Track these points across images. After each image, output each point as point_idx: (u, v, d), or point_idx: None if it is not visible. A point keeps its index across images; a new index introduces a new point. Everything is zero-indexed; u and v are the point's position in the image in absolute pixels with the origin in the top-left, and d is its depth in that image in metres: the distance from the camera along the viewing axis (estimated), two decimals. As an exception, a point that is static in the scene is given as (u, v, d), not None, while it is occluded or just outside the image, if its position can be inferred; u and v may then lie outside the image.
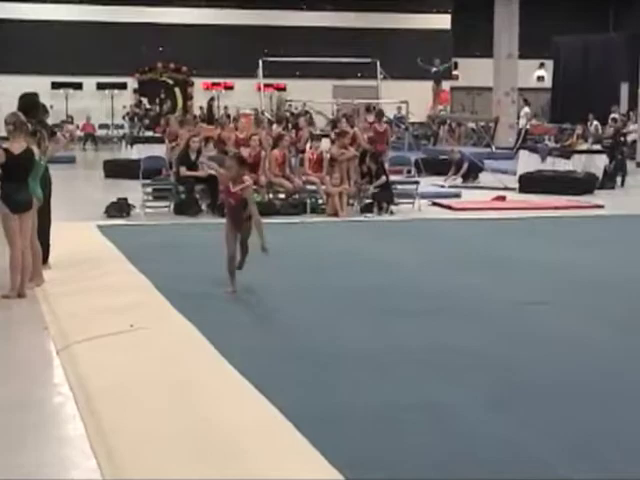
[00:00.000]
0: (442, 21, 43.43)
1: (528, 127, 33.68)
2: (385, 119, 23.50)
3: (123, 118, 38.34)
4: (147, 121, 35.38)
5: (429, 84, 38.14)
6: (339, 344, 7.36)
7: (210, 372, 6.57)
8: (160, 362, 6.77)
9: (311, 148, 17.36)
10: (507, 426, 5.52)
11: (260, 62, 28.11)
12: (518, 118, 34.63)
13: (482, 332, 7.83)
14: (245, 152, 16.89)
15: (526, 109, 34.74)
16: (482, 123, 34.60)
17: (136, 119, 37.05)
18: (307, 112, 33.95)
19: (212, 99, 38.70)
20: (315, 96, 32.24)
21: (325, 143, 19.26)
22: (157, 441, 5.23)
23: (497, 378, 6.49)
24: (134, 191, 16.69)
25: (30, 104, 10.51)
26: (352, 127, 18.12)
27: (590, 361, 7.01)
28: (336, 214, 15.98)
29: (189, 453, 5.05)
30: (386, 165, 17.71)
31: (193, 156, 16.33)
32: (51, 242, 10.72)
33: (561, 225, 15.62)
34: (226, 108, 36.10)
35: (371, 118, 20.58)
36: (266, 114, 24.35)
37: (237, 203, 9.25)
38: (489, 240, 13.67)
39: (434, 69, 36.71)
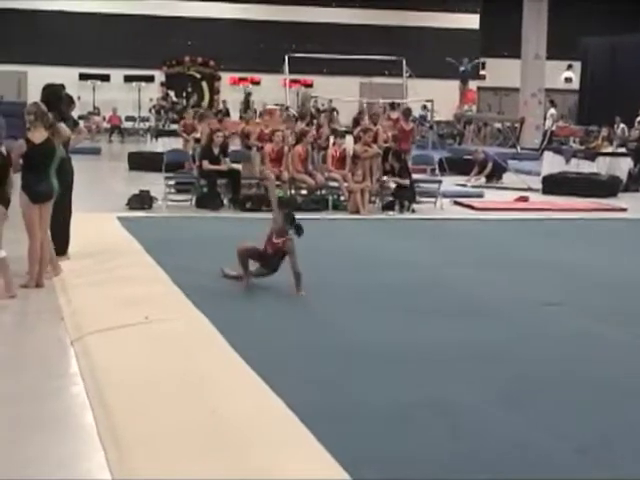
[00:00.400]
0: (470, 21, 43.32)
1: (554, 128, 33.55)
2: (412, 118, 23.49)
3: (149, 111, 38.43)
4: (173, 114, 35.47)
5: (456, 83, 38.10)
6: (354, 341, 7.34)
7: (223, 367, 6.57)
8: (173, 355, 6.77)
9: (334, 145, 17.34)
10: (518, 425, 5.50)
11: (286, 58, 28.12)
12: (544, 119, 34.47)
13: (498, 331, 7.81)
14: (269, 147, 16.97)
15: (552, 110, 34.61)
16: (508, 124, 34.47)
17: (162, 112, 37.13)
18: (334, 109, 33.99)
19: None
20: (342, 93, 32.18)
21: (349, 140, 19.25)
22: (166, 436, 5.22)
23: (511, 377, 6.47)
24: (157, 184, 16.74)
25: (52, 95, 10.52)
26: (375, 124, 18.04)
27: (604, 361, 6.98)
28: (358, 211, 15.99)
29: (198, 449, 5.04)
30: (409, 163, 17.65)
31: (216, 150, 16.35)
32: (71, 233, 10.77)
33: (582, 227, 15.53)
34: (253, 103, 36.14)
35: (395, 115, 20.45)
36: (291, 110, 24.32)
37: (274, 253, 9.27)
38: (509, 240, 13.62)
39: (462, 68, 36.59)
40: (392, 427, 5.40)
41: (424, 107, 34.35)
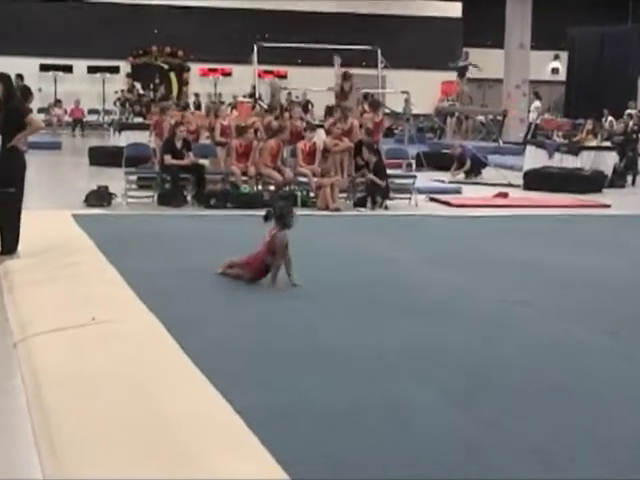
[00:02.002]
0: (453, 9, 43.48)
1: (539, 122, 33.70)
2: (386, 110, 23.58)
3: (114, 104, 38.40)
4: (139, 107, 35.46)
5: (437, 75, 38.18)
6: (312, 342, 7.38)
7: (170, 369, 6.59)
8: (119, 357, 6.79)
9: (304, 139, 17.38)
10: (473, 428, 5.55)
11: (255, 47, 28.15)
12: (529, 112, 34.64)
13: (462, 331, 7.86)
14: (236, 142, 17.00)
15: (537, 103, 34.74)
16: (491, 116, 34.61)
17: (128, 105, 37.11)
18: (308, 102, 33.99)
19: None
20: (317, 85, 32.23)
21: (321, 133, 19.32)
22: (104, 438, 5.25)
23: (472, 378, 6.51)
24: (118, 180, 16.74)
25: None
26: (347, 118, 18.04)
27: (569, 364, 7.03)
28: (327, 207, 16.03)
29: (136, 451, 5.08)
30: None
31: (179, 144, 16.37)
32: (21, 231, 10.78)
33: (563, 224, 15.65)
34: (220, 95, 36.13)
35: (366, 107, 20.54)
36: (260, 102, 24.37)
37: (267, 251, 9.43)
38: (485, 238, 13.70)
39: (461, 63, 36.45)
40: (342, 430, 5.45)
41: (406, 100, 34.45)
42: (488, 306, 8.98)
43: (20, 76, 13.88)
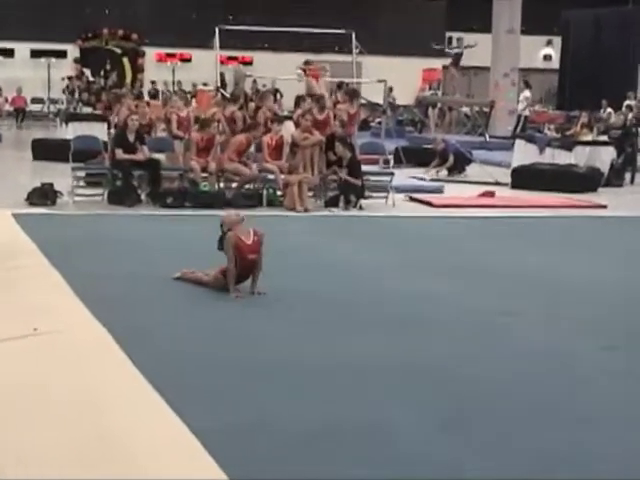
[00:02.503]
0: (436, -11, 43.66)
1: (528, 113, 33.78)
2: (362, 101, 23.63)
3: (63, 92, 38.27)
4: (88, 96, 35.36)
5: (417, 61, 38.28)
6: (274, 355, 7.40)
7: (118, 386, 6.62)
8: (63, 372, 6.81)
9: (270, 132, 17.38)
10: (456, 454, 5.58)
11: (217, 30, 28.11)
12: (518, 102, 34.77)
13: (443, 346, 7.91)
14: (196, 135, 16.99)
15: (526, 92, 34.65)
16: (477, 108, 34.74)
17: (77, 93, 37.02)
18: (277, 90, 34.03)
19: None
20: (286, 72, 32.28)
21: (290, 126, 19.31)
22: (41, 455, 5.29)
23: (452, 397, 6.56)
24: (65, 176, 16.70)
25: None
26: (323, 109, 18.03)
27: (558, 379, 7.09)
28: (295, 207, 16.03)
29: (78, 467, 5.11)
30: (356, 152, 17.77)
31: (131, 137, 16.33)
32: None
33: (553, 227, 15.75)
34: (180, 83, 36.12)
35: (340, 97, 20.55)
36: (222, 91, 24.38)
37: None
38: (469, 242, 13.76)
39: (455, 50, 36.35)
40: (307, 452, 5.48)
41: (390, 89, 34.57)
42: (472, 317, 9.01)
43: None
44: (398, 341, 8.02)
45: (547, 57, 45.85)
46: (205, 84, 33.67)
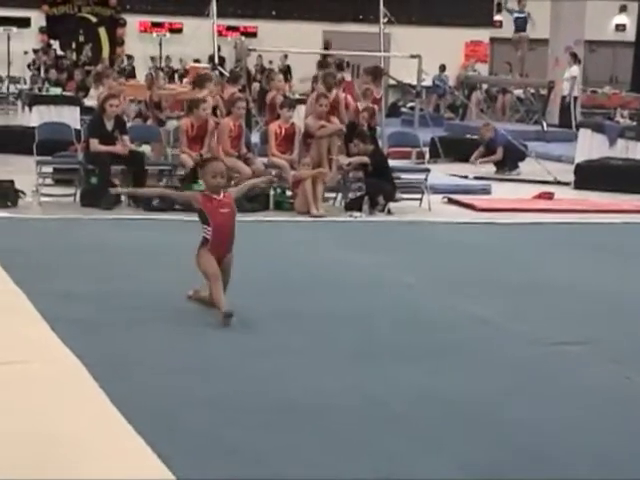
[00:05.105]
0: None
1: (576, 94, 33.31)
2: (390, 81, 23.69)
3: (29, 68, 38.30)
4: (57, 73, 35.40)
5: (459, 32, 38.25)
6: (278, 394, 7.43)
7: (93, 427, 6.66)
8: (27, 409, 6.87)
9: (279, 119, 17.39)
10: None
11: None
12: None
13: (487, 383, 7.93)
14: (186, 121, 17.04)
15: (574, 68, 33.72)
16: (532, 90, 34.64)
17: (42, 70, 37.09)
18: (288, 68, 34.18)
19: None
20: (296, 45, 32.36)
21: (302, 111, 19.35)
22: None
23: (498, 446, 6.56)
24: (28, 172, 16.78)
25: None
26: (330, 89, 18.02)
27: (630, 427, 7.11)
28: (308, 211, 16.06)
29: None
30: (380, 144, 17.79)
31: (110, 125, 16.39)
32: None
33: (628, 237, 15.74)
34: (168, 59, 36.22)
35: (348, 77, 20.54)
36: (219, 68, 24.45)
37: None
38: (520, 254, 13.79)
39: (515, 15, 36.09)
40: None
41: (442, 68, 34.56)
42: (523, 347, 9.05)
43: None
44: (432, 376, 7.99)
45: (620, 27, 45.78)
46: (197, 60, 33.72)
